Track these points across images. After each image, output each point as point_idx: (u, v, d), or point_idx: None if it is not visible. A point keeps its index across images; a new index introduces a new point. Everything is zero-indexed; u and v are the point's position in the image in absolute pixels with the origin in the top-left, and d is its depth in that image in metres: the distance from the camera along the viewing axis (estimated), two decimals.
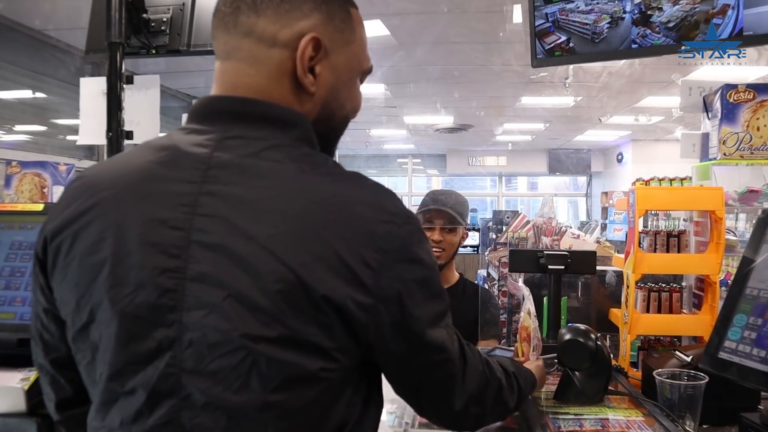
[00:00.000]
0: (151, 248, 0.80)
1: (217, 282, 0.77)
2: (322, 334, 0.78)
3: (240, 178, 0.81)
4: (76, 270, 0.84)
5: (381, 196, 0.85)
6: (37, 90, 5.41)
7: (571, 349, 1.50)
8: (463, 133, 11.15)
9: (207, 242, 0.79)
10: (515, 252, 2.06)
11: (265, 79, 0.89)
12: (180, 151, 0.85)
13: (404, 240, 0.83)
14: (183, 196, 0.81)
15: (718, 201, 1.74)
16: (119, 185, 0.85)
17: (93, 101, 2.27)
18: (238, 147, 0.84)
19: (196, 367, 0.78)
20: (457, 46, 5.81)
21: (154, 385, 0.79)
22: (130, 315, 0.80)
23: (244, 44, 0.88)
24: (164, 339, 0.79)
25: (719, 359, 1.26)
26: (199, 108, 0.91)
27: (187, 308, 0.78)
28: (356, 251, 0.79)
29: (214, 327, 0.77)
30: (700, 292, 1.86)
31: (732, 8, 1.65)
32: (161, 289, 0.79)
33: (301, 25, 0.89)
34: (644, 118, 9.62)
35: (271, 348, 0.76)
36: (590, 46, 1.82)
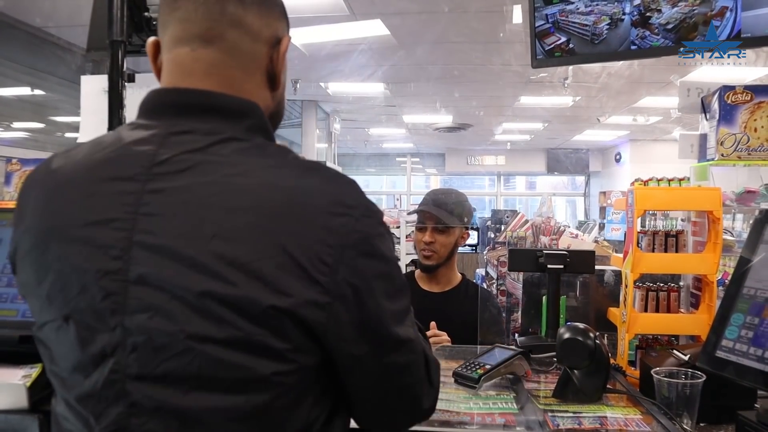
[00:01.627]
0: (94, 250, 0.77)
1: (160, 284, 0.74)
2: (274, 335, 0.74)
3: (184, 175, 0.78)
4: (28, 270, 0.83)
5: (338, 187, 0.81)
6: (38, 87, 5.41)
7: (570, 347, 1.51)
8: (462, 133, 11.17)
9: (149, 243, 0.76)
10: (514, 251, 2.08)
11: (242, 71, 0.88)
12: (125, 148, 0.82)
13: (361, 234, 0.79)
14: (126, 195, 0.78)
15: (716, 201, 1.75)
16: (64, 185, 0.83)
17: (94, 99, 2.27)
18: (185, 142, 0.81)
19: (141, 372, 0.75)
20: (457, 45, 5.82)
21: (99, 393, 0.77)
22: (74, 320, 0.78)
23: (230, 34, 0.86)
24: (107, 344, 0.76)
25: (717, 358, 1.27)
26: (147, 102, 0.87)
27: (129, 312, 0.75)
28: (308, 247, 0.75)
29: (160, 329, 0.74)
30: (698, 292, 1.87)
31: (730, 10, 1.66)
32: (104, 292, 0.76)
33: (275, 26, 0.91)
34: (642, 118, 9.64)
35: (219, 349, 0.73)
36: (590, 47, 1.83)
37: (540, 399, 1.55)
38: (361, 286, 0.78)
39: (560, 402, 1.51)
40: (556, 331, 1.82)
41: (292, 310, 0.74)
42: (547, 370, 1.79)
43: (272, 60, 0.91)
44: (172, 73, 0.87)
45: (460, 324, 2.17)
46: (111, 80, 1.97)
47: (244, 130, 0.84)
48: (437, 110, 9.38)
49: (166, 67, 0.89)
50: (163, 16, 0.90)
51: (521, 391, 1.61)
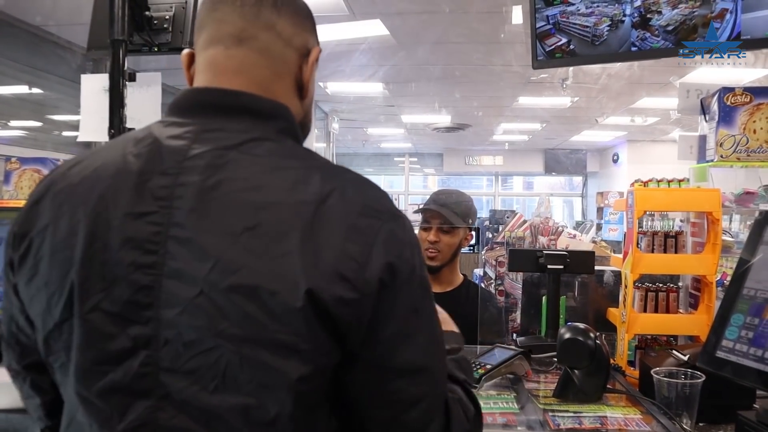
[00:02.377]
0: (126, 243, 0.78)
1: (191, 278, 0.75)
2: (299, 335, 0.73)
3: (215, 171, 0.79)
4: (46, 268, 0.82)
5: (365, 191, 0.82)
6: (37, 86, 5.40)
7: (571, 347, 1.52)
8: (461, 133, 11.18)
9: (182, 237, 0.76)
10: (515, 251, 2.08)
11: (272, 73, 0.90)
12: (158, 143, 0.83)
13: (388, 234, 0.78)
14: (160, 189, 0.79)
15: (716, 202, 1.76)
16: (93, 179, 0.83)
17: (94, 98, 2.27)
18: (217, 139, 0.82)
19: (172, 366, 0.75)
20: (457, 46, 5.82)
21: (128, 386, 0.77)
22: (102, 312, 0.78)
23: (263, 35, 0.89)
24: (139, 337, 0.76)
25: (717, 358, 1.28)
26: (180, 101, 0.89)
27: (163, 305, 0.76)
28: (337, 245, 0.75)
29: (189, 325, 0.75)
30: (697, 292, 1.88)
31: (730, 12, 1.67)
32: (137, 286, 0.77)
33: (305, 37, 0.94)
34: (640, 119, 9.66)
35: (245, 348, 0.73)
36: (590, 48, 1.84)
37: (540, 399, 1.55)
38: (388, 284, 0.77)
39: (560, 402, 1.52)
40: (555, 332, 1.83)
41: (321, 307, 0.73)
42: (547, 370, 1.80)
43: (301, 69, 0.93)
44: (205, 73, 0.90)
45: (461, 325, 2.16)
46: (112, 79, 1.97)
47: (275, 131, 0.86)
48: (436, 110, 9.38)
49: (199, 68, 0.92)
50: (201, 18, 0.93)
51: (522, 390, 1.61)
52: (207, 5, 0.92)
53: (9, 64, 5.02)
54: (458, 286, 2.38)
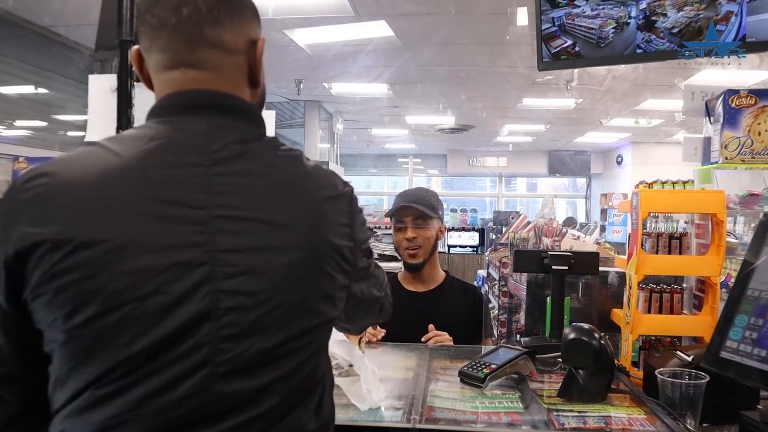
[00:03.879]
0: (172, 226, 0.84)
1: (246, 250, 0.86)
2: (333, 284, 0.96)
3: (242, 160, 0.91)
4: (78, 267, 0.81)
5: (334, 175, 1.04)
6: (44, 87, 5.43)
7: (575, 348, 1.52)
8: (465, 134, 11.18)
9: (229, 215, 0.86)
10: (519, 252, 2.09)
11: (230, 83, 0.96)
12: (177, 139, 0.89)
13: (352, 200, 1.03)
14: (196, 178, 0.87)
15: (720, 204, 1.77)
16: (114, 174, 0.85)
17: (101, 98, 2.28)
18: (228, 135, 0.92)
19: (233, 333, 0.84)
20: (462, 48, 5.83)
21: (186, 357, 0.82)
22: (161, 294, 0.81)
23: (210, 55, 0.94)
24: (200, 311, 0.83)
25: (721, 358, 1.28)
26: (174, 102, 0.93)
27: (223, 277, 0.84)
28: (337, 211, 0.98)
29: (253, 290, 0.85)
30: (701, 294, 1.88)
31: (735, 15, 1.68)
32: (193, 264, 0.83)
33: (248, 32, 0.99)
34: (644, 120, 9.65)
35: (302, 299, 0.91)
36: (596, 50, 1.85)
37: (545, 398, 1.56)
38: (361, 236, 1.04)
39: (565, 401, 1.53)
40: (560, 332, 1.84)
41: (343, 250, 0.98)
42: (551, 370, 1.80)
43: (250, 64, 1.00)
44: (169, 89, 0.94)
45: (446, 322, 2.17)
46: (120, 79, 1.98)
47: (263, 131, 0.99)
48: (440, 111, 9.39)
49: (161, 84, 0.96)
50: (143, 41, 0.95)
51: (526, 390, 1.62)
52: (146, 30, 0.93)
53: (17, 65, 5.05)
54: (441, 283, 2.37)
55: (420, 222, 2.26)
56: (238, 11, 0.97)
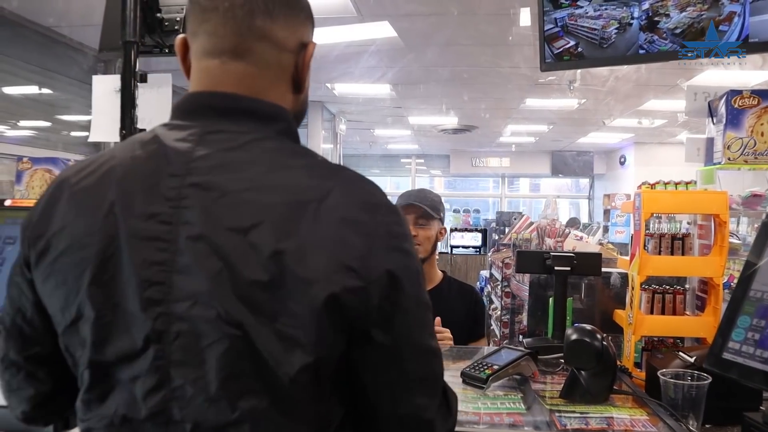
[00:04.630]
0: (139, 242, 0.81)
1: (200, 273, 0.79)
2: (306, 326, 0.77)
3: (221, 171, 0.83)
4: (62, 267, 0.85)
5: (363, 187, 0.87)
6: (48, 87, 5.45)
7: (578, 349, 1.52)
8: (468, 134, 11.17)
9: (191, 234, 0.80)
10: (522, 253, 2.09)
11: (270, 81, 0.92)
12: (164, 146, 0.86)
13: (387, 228, 0.83)
14: (168, 190, 0.82)
15: (723, 205, 1.77)
16: (105, 181, 0.86)
17: (105, 99, 2.29)
18: (220, 141, 0.86)
19: (184, 359, 0.79)
20: (465, 48, 5.83)
21: (145, 377, 0.80)
22: (118, 309, 0.81)
23: (258, 47, 0.90)
24: (152, 332, 0.80)
25: (723, 360, 1.28)
26: (182, 104, 0.92)
27: (174, 300, 0.79)
28: (340, 239, 0.79)
29: (200, 317, 0.78)
30: (703, 294, 1.88)
31: (738, 15, 1.68)
32: (149, 282, 0.80)
33: (300, 33, 0.95)
34: (647, 121, 9.64)
35: (255, 338, 0.77)
36: (598, 50, 1.85)
37: (547, 399, 1.56)
38: (392, 274, 0.81)
39: (567, 402, 1.53)
40: (562, 333, 1.83)
41: (331, 298, 0.77)
42: (553, 371, 1.80)
43: (297, 66, 0.95)
44: (203, 81, 0.92)
45: (444, 322, 2.18)
46: (124, 80, 1.99)
47: (275, 132, 0.89)
48: (443, 112, 9.39)
49: (196, 75, 0.93)
50: (191, 24, 0.92)
51: (528, 391, 1.62)
52: (196, 12, 0.91)
53: (20, 65, 5.07)
54: (439, 283, 2.40)
55: (422, 221, 2.29)
56: (293, 9, 0.94)
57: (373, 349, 0.83)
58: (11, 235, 1.55)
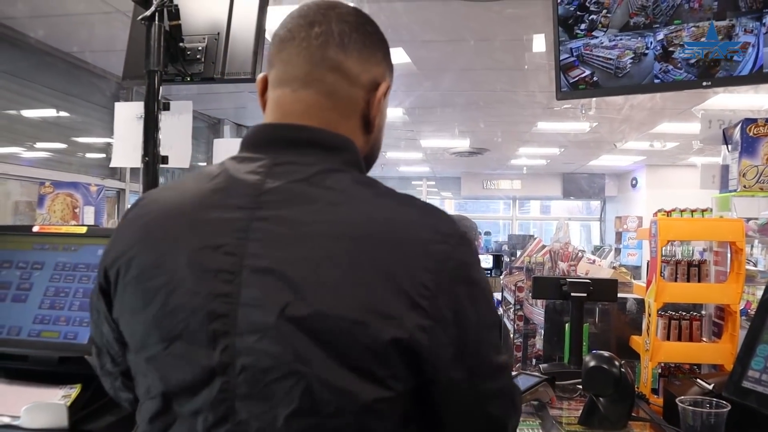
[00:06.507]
0: (204, 274, 0.81)
1: (268, 306, 0.78)
2: (377, 360, 0.77)
3: (290, 204, 0.82)
4: (131, 296, 0.87)
5: (434, 217, 0.85)
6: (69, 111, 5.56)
7: (596, 375, 1.53)
8: (479, 157, 11.19)
9: (259, 267, 0.79)
10: (538, 279, 2.10)
11: (339, 114, 0.92)
12: (233, 178, 0.87)
13: (458, 261, 0.82)
14: (236, 222, 0.82)
15: (739, 232, 1.78)
16: (174, 213, 0.88)
17: (127, 125, 2.34)
18: (289, 173, 0.85)
19: (249, 392, 0.78)
20: (480, 75, 5.86)
21: (209, 411, 0.80)
22: (183, 341, 0.82)
23: (329, 78, 0.91)
24: (217, 365, 0.79)
25: (742, 388, 1.29)
26: (251, 137, 0.93)
27: (239, 333, 0.78)
28: (410, 273, 0.78)
29: (266, 351, 0.77)
30: (720, 321, 1.89)
31: (752, 46, 1.70)
32: (214, 315, 0.80)
33: (375, 71, 0.95)
34: (659, 143, 9.63)
35: (323, 374, 0.76)
36: (613, 80, 1.87)
37: (564, 426, 1.57)
38: (460, 309, 0.81)
39: (585, 429, 1.53)
40: (579, 359, 1.85)
41: (399, 336, 0.77)
42: (571, 397, 1.81)
43: (368, 104, 0.95)
44: (274, 112, 0.93)
45: None
46: (147, 107, 2.02)
47: (342, 163, 0.89)
48: (455, 135, 9.42)
49: (269, 105, 0.95)
50: (270, 55, 0.95)
51: (546, 417, 1.63)
52: (275, 43, 0.94)
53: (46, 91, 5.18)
54: None
55: None
56: (369, 48, 0.94)
57: (447, 383, 0.83)
58: (39, 260, 1.58)
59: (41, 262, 1.58)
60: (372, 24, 0.97)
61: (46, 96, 5.20)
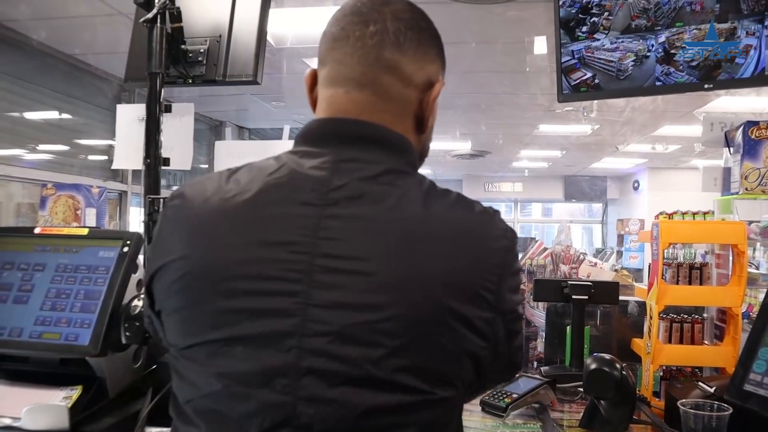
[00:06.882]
0: (271, 271, 0.78)
1: (340, 307, 0.76)
2: (446, 360, 0.78)
3: (360, 202, 0.81)
4: (183, 298, 0.83)
5: (492, 217, 0.88)
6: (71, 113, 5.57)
7: (597, 378, 1.53)
8: (481, 159, 11.20)
9: (331, 266, 0.77)
10: (539, 281, 2.10)
11: (393, 115, 0.90)
12: (297, 173, 0.84)
13: (510, 256, 0.86)
14: (305, 218, 0.80)
15: (741, 235, 1.78)
16: (230, 208, 0.83)
17: (129, 127, 2.35)
18: (355, 170, 0.83)
19: (313, 395, 0.75)
20: (482, 78, 5.86)
21: (265, 413, 0.76)
22: (243, 341, 0.78)
23: (384, 79, 0.89)
24: (281, 365, 0.76)
25: (744, 391, 1.29)
26: (310, 130, 0.90)
27: (308, 334, 0.76)
28: (478, 269, 0.81)
29: (338, 353, 0.75)
30: (722, 324, 1.88)
31: (754, 48, 1.70)
32: (283, 314, 0.77)
33: (429, 70, 0.92)
34: (661, 146, 9.63)
35: (395, 374, 0.75)
36: (615, 82, 1.87)
37: (565, 428, 1.57)
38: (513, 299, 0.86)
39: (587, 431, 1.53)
40: (580, 361, 1.84)
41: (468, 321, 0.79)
42: (572, 399, 1.80)
43: (421, 104, 0.93)
44: (327, 111, 0.91)
45: None
46: (149, 109, 2.02)
47: (405, 164, 0.89)
48: (457, 138, 9.42)
49: (320, 104, 0.93)
50: (321, 52, 0.93)
51: (547, 420, 1.62)
52: (327, 40, 0.92)
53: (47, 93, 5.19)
54: None
55: None
56: (424, 45, 0.92)
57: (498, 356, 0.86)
58: (40, 262, 1.58)
59: (43, 263, 1.58)
60: (426, 19, 0.95)
61: (49, 98, 5.22)
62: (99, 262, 1.54)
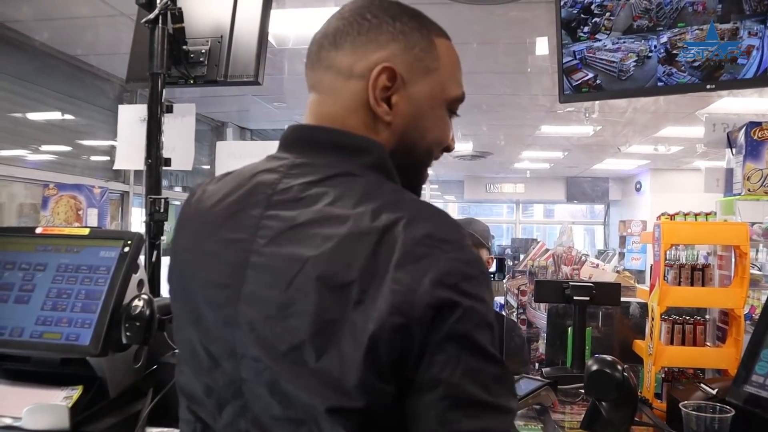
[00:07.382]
0: (219, 265, 0.87)
1: (261, 302, 0.81)
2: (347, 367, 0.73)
3: (297, 204, 0.83)
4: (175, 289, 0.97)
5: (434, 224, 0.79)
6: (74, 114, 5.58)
7: (598, 379, 1.52)
8: (482, 160, 11.20)
9: (258, 263, 0.83)
10: (541, 282, 2.10)
11: (342, 109, 0.90)
12: (258, 177, 0.91)
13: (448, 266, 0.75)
14: (251, 218, 0.86)
15: (743, 236, 1.77)
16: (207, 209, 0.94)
17: (130, 128, 2.35)
18: (303, 174, 0.86)
19: (249, 378, 0.83)
20: (483, 79, 5.86)
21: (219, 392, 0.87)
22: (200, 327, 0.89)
23: (325, 77, 0.92)
24: (223, 352, 0.85)
25: (746, 392, 1.29)
26: (283, 137, 0.96)
27: (239, 324, 0.83)
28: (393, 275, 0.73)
29: (255, 343, 0.81)
30: (724, 325, 1.88)
31: (757, 49, 1.70)
32: (222, 305, 0.85)
33: (376, 56, 0.89)
34: (664, 147, 9.62)
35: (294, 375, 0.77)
36: (617, 83, 1.87)
37: (566, 430, 1.56)
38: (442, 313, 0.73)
39: None
40: (581, 362, 1.84)
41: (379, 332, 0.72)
42: (573, 401, 1.80)
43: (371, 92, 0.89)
44: (304, 117, 0.97)
45: None
46: (150, 110, 2.03)
47: (361, 166, 0.86)
48: (459, 139, 9.40)
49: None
50: None
51: (548, 421, 1.62)
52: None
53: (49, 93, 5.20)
54: None
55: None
56: (368, 34, 0.90)
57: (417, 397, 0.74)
58: (41, 262, 1.58)
59: (44, 263, 1.58)
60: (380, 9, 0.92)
61: (51, 99, 5.23)
62: (100, 262, 1.55)
